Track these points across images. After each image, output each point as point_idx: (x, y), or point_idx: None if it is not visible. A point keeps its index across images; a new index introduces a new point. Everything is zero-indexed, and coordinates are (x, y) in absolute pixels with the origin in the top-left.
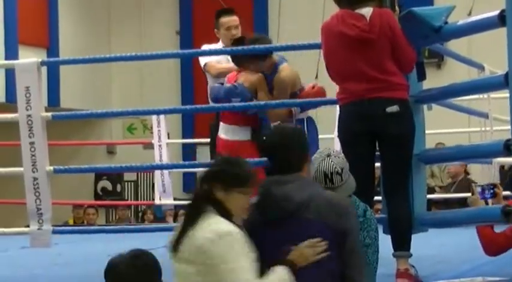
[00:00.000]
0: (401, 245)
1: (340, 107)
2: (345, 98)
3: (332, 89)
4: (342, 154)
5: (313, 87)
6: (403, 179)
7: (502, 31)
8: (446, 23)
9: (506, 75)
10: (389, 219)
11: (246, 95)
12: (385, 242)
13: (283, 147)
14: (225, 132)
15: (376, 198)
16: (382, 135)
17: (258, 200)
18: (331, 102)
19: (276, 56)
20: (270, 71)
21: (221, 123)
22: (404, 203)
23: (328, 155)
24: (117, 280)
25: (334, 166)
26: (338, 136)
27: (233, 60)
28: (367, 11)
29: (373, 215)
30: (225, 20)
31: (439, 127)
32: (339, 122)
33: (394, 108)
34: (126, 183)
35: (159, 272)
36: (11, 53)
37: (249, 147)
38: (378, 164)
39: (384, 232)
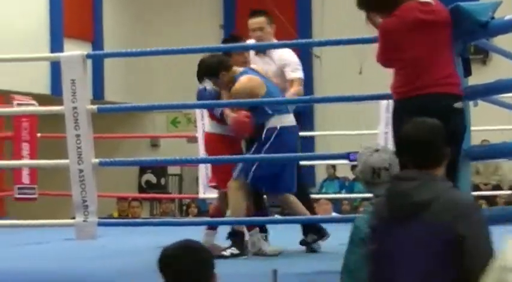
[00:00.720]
0: None
1: (401, 100)
2: (410, 91)
3: (377, 85)
4: (390, 150)
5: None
6: (454, 176)
7: None
8: (492, 18)
9: None
10: None
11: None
12: None
13: (422, 142)
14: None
15: None
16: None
17: (385, 194)
18: (381, 97)
19: (239, 69)
20: (230, 85)
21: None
22: None
23: (377, 150)
24: (170, 270)
25: (382, 161)
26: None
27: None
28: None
29: None
30: (250, 22)
31: (484, 124)
32: (399, 116)
33: (459, 104)
34: (170, 176)
35: (211, 263)
36: (56, 46)
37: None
38: None
39: None
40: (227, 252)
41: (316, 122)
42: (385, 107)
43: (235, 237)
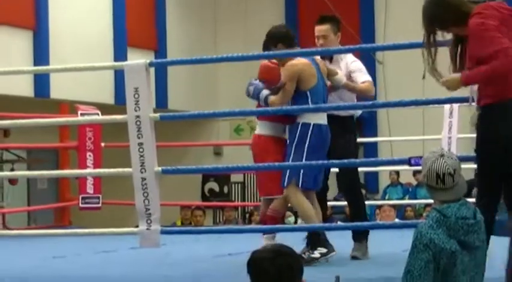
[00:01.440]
0: None
1: (501, 104)
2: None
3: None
4: (455, 155)
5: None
6: None
7: None
8: None
9: None
10: None
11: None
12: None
13: None
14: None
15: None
16: None
17: None
18: (444, 102)
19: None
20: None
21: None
22: None
23: (442, 155)
24: (260, 273)
25: (447, 167)
26: (487, 136)
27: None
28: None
29: (482, 218)
30: (315, 28)
31: None
32: (495, 121)
33: None
34: (233, 184)
35: (301, 270)
36: (120, 55)
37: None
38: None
39: (496, 234)
40: (316, 254)
41: (379, 127)
42: (448, 111)
43: (314, 237)
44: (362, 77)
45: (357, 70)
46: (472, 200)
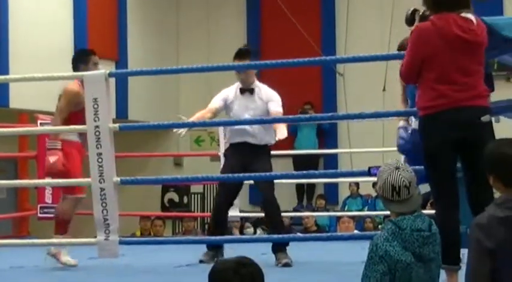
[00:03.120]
0: None
1: (428, 115)
2: (440, 105)
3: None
4: (410, 168)
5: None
6: (491, 190)
7: None
8: None
9: None
10: None
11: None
12: None
13: None
14: None
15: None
16: (477, 145)
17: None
18: (404, 114)
19: None
20: None
21: None
22: None
23: (397, 168)
24: None
25: (402, 179)
26: (424, 148)
27: None
28: (472, 16)
29: (437, 230)
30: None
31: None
32: (426, 131)
33: (487, 118)
34: (192, 195)
35: (262, 279)
36: None
37: None
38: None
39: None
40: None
41: (340, 139)
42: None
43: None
44: (276, 107)
45: (275, 101)
46: (428, 212)
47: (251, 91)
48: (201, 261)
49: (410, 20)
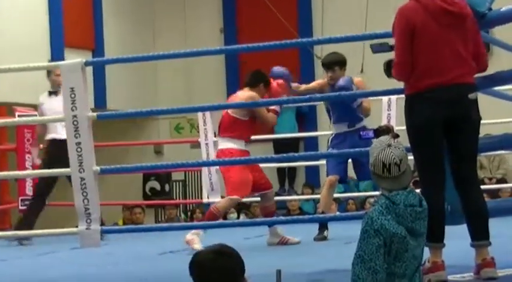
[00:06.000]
0: (484, 235)
1: (416, 93)
2: (430, 85)
3: (379, 83)
4: (402, 145)
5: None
6: (476, 168)
7: None
8: (490, 9)
9: None
10: (470, 209)
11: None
12: None
13: None
14: None
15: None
16: (465, 123)
17: None
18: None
19: None
20: None
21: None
22: (481, 191)
23: (389, 145)
24: (201, 273)
25: (393, 157)
26: (411, 125)
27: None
28: None
29: (427, 206)
30: None
31: (484, 117)
32: (413, 110)
33: (474, 95)
34: (174, 182)
35: (242, 269)
36: (57, 56)
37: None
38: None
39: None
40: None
41: (319, 122)
42: (387, 104)
43: None
44: None
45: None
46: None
47: None
48: None
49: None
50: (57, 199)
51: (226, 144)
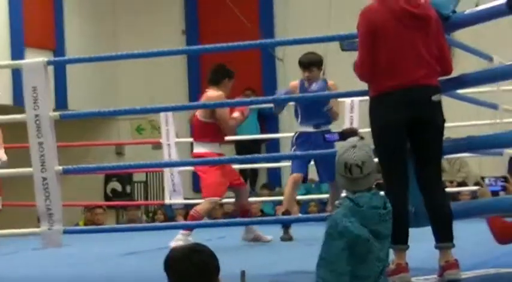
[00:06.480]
0: (448, 236)
1: (379, 95)
2: (391, 85)
3: (340, 85)
4: (369, 148)
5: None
6: (440, 170)
7: (509, 24)
8: (454, 12)
9: None
10: (434, 211)
11: None
12: None
13: None
14: None
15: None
16: (429, 124)
17: None
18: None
19: None
20: None
21: None
22: (445, 193)
23: (354, 146)
24: (175, 271)
25: (355, 158)
26: (374, 127)
27: None
28: None
29: (391, 208)
30: None
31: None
32: (376, 112)
33: (438, 97)
34: (135, 184)
35: (217, 267)
36: (18, 55)
37: None
38: None
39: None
40: None
41: (281, 123)
42: (349, 106)
43: None
44: None
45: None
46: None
47: None
48: None
49: None
50: (18, 199)
51: (200, 148)
